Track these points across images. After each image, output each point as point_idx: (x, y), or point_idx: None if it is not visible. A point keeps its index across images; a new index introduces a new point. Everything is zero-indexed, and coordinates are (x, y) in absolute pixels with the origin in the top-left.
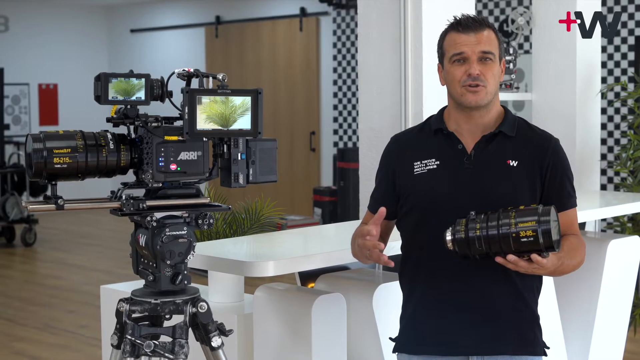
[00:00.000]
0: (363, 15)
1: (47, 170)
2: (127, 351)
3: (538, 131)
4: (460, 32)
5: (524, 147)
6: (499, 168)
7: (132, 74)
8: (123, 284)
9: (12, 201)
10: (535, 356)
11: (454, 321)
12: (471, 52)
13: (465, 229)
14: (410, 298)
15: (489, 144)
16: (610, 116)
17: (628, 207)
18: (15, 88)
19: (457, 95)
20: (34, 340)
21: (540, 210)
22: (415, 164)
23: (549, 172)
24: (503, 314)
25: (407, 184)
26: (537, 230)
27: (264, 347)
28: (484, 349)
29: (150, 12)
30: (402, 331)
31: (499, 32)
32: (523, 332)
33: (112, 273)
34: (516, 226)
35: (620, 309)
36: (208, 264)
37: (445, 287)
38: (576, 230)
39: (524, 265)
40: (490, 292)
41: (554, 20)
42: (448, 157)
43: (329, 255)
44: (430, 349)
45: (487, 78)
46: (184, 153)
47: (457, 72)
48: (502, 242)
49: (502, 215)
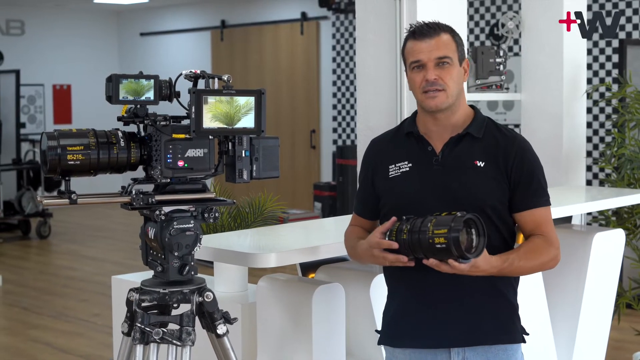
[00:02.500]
0: (361, 20)
1: (61, 166)
2: (137, 338)
3: (505, 132)
4: (416, 40)
5: (490, 148)
6: (466, 168)
7: (142, 75)
8: (133, 275)
9: (28, 196)
10: (514, 344)
11: (435, 315)
12: (427, 59)
13: (395, 232)
14: (394, 294)
15: (457, 145)
16: (595, 115)
17: (612, 201)
18: (30, 88)
19: (419, 101)
20: (48, 327)
21: (457, 217)
22: (390, 167)
23: (514, 171)
24: (481, 306)
25: (384, 186)
26: (449, 238)
27: (266, 335)
28: (464, 340)
29: (159, 17)
30: (385, 324)
31: (457, 35)
32: (501, 323)
33: (122, 264)
34: (432, 233)
35: (605, 299)
36: (214, 255)
37: (425, 283)
38: (545, 230)
39: (446, 269)
40: (468, 287)
41: (542, 24)
42: (419, 159)
43: (329, 247)
44: (413, 342)
45: (446, 81)
46: (190, 150)
47: (416, 79)
48: (422, 247)
49: (424, 222)
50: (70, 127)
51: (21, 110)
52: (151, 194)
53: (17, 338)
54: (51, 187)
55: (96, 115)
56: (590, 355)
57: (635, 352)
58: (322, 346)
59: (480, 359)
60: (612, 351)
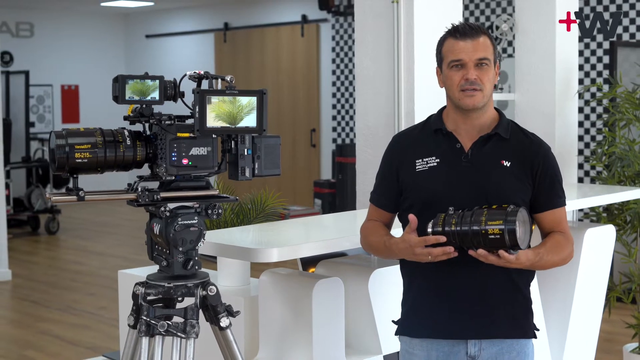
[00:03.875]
0: (359, 22)
1: (69, 164)
2: (143, 331)
3: (530, 136)
4: (457, 39)
5: (517, 149)
6: (493, 167)
7: (147, 76)
8: (139, 269)
9: (37, 193)
10: (527, 339)
11: (453, 308)
12: (468, 59)
13: (442, 223)
14: (411, 286)
15: (485, 144)
16: (586, 115)
17: (603, 198)
18: (39, 89)
19: (456, 99)
20: (57, 320)
21: (509, 210)
22: (417, 161)
23: (539, 174)
24: (498, 301)
25: (409, 180)
26: (504, 230)
27: (268, 327)
28: (481, 333)
29: (164, 19)
30: (404, 315)
31: (493, 39)
32: (516, 318)
33: (128, 259)
34: (486, 224)
35: (595, 292)
36: (217, 250)
37: (444, 276)
38: (564, 228)
39: (493, 260)
40: (486, 281)
41: (536, 26)
42: (447, 155)
43: (328, 243)
44: (430, 332)
45: (484, 82)
46: (194, 149)
47: (455, 77)
48: (473, 238)
49: (475, 214)
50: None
51: (30, 110)
52: (156, 191)
53: (27, 330)
54: (59, 185)
55: (103, 115)
56: (582, 346)
57: (625, 344)
58: (321, 338)
59: (496, 350)
60: (603, 343)
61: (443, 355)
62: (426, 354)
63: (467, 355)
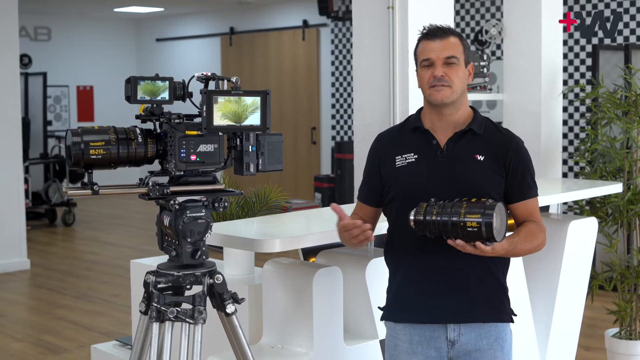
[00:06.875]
0: (357, 27)
1: (84, 160)
2: (153, 317)
3: (503, 131)
4: (428, 40)
5: (490, 144)
6: (468, 161)
7: (158, 77)
8: (150, 259)
9: (54, 187)
10: (504, 323)
11: (433, 294)
12: (436, 57)
13: (424, 212)
14: (395, 274)
15: (460, 140)
16: (570, 114)
17: (586, 192)
18: (56, 89)
19: (426, 95)
20: (73, 307)
21: (488, 204)
22: (397, 157)
23: (512, 167)
24: (475, 287)
25: (390, 175)
26: (481, 223)
27: (271, 313)
28: (459, 317)
29: (173, 24)
30: (388, 302)
31: (465, 40)
32: (492, 302)
33: (140, 249)
34: (465, 216)
35: (579, 281)
36: (223, 241)
37: (425, 264)
38: (537, 218)
39: (470, 250)
40: (464, 269)
41: (523, 30)
42: (424, 151)
43: (328, 234)
44: (413, 317)
45: (452, 78)
46: (202, 145)
47: (425, 75)
48: (452, 228)
49: (455, 205)
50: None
51: (48, 109)
52: (166, 186)
53: (44, 317)
54: (75, 179)
55: (116, 114)
56: (566, 331)
57: (606, 329)
58: (321, 324)
59: (474, 335)
60: (586, 328)
61: (424, 340)
62: (409, 338)
63: (447, 339)
